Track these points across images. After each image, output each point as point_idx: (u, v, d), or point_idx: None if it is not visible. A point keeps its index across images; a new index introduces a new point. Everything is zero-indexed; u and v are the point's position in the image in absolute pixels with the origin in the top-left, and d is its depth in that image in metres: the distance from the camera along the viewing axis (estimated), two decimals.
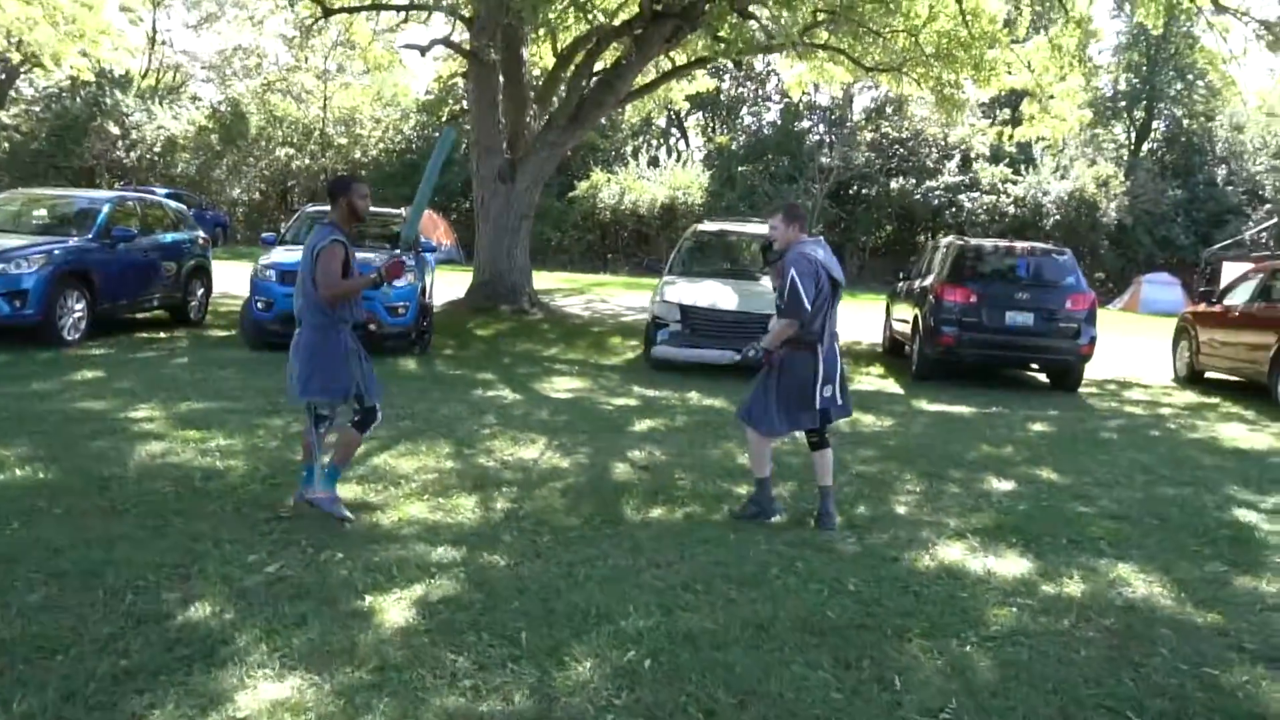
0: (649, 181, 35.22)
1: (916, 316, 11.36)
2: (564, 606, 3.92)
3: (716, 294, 10.53)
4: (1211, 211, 34.29)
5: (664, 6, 13.52)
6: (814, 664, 3.54)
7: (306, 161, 36.73)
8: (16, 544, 4.29)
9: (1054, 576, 4.63)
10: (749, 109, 42.90)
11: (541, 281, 18.83)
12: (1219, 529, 5.63)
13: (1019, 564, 4.80)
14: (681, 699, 3.22)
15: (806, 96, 34.85)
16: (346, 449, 4.99)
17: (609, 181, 35.00)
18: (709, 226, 12.67)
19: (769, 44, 11.60)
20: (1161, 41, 35.93)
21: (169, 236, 12.09)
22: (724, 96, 39.68)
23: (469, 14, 15.21)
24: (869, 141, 36.09)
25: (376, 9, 17.99)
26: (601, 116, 17.01)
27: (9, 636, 3.40)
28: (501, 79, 14.86)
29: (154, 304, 11.75)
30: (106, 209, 10.86)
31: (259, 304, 10.20)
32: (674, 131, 43.74)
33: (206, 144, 36.06)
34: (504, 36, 14.66)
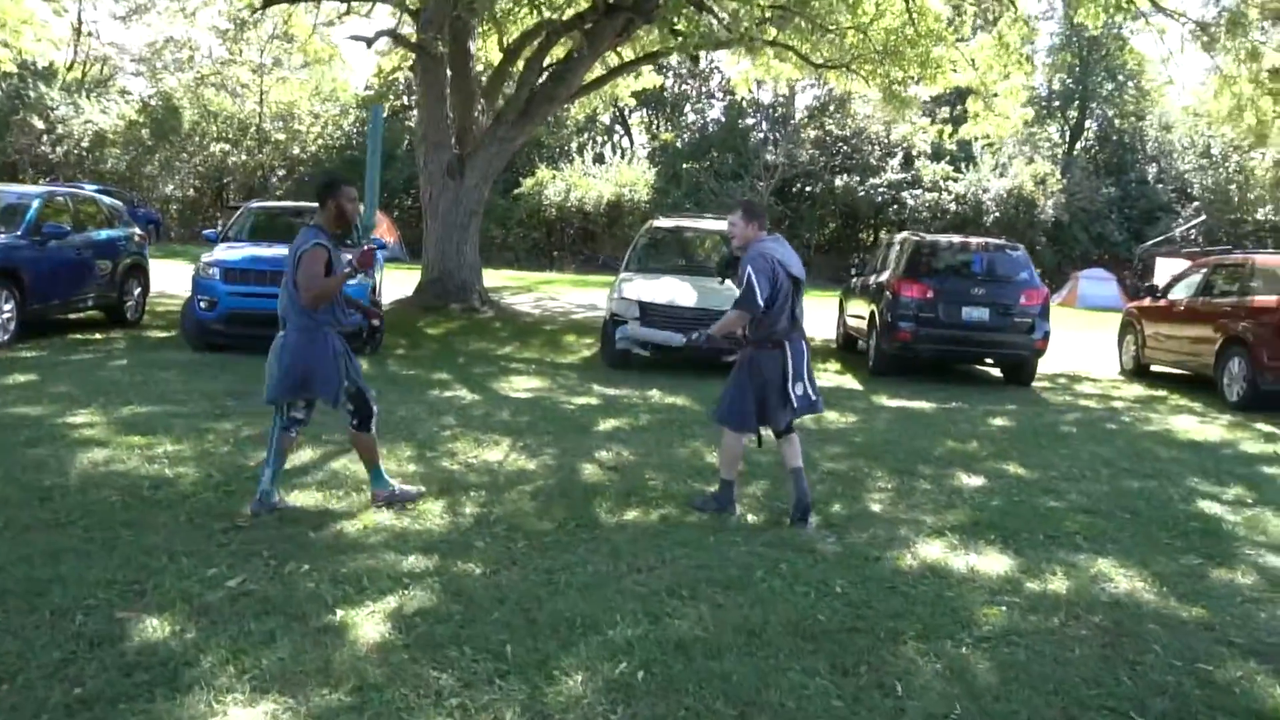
0: (595, 178, 35.04)
1: (873, 312, 11.37)
2: (547, 616, 3.75)
3: (675, 290, 10.44)
4: (1143, 209, 35.24)
5: (616, 0, 13.37)
6: (811, 671, 3.42)
7: (243, 158, 35.79)
8: None
9: (1037, 573, 4.59)
10: (693, 106, 42.96)
11: (488, 279, 18.51)
12: (1188, 521, 5.66)
13: (1000, 561, 4.76)
14: (680, 712, 3.08)
15: (750, 94, 34.97)
16: (368, 452, 4.94)
17: (554, 178, 34.73)
18: (664, 223, 12.53)
19: (726, 38, 11.52)
20: (1093, 43, 36.81)
21: (104, 233, 11.58)
22: (668, 93, 39.64)
23: (415, 6, 14.87)
24: (813, 139, 36.37)
25: (317, 0, 17.53)
26: (552, 111, 16.79)
27: None
28: (449, 73, 14.55)
29: (88, 304, 11.25)
30: (36, 204, 10.35)
31: (201, 303, 9.81)
32: (618, 129, 43.61)
33: (137, 139, 34.91)
34: (451, 29, 14.35)
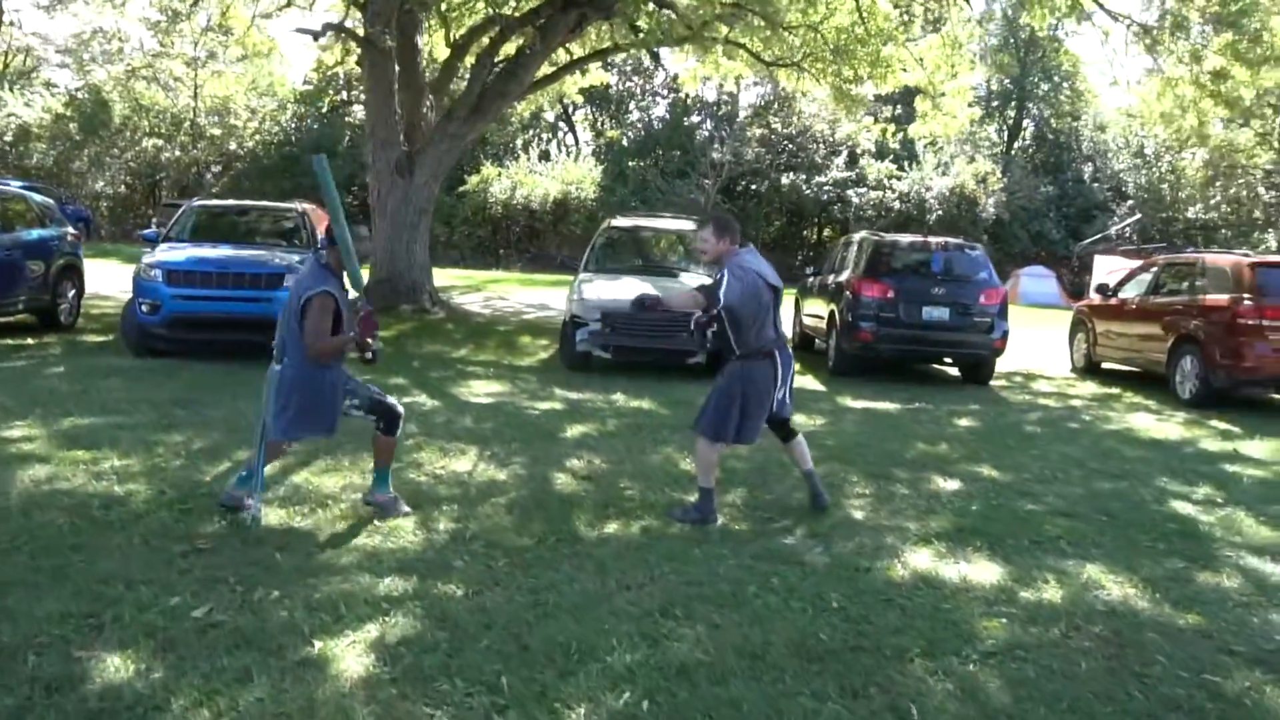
0: (541, 176, 34.71)
1: (832, 312, 11.33)
2: (539, 642, 3.56)
3: (636, 291, 10.22)
4: (1080, 207, 36.02)
5: None
6: (821, 695, 3.29)
7: (177, 153, 34.72)
8: None
9: (1029, 582, 4.53)
10: (638, 104, 42.84)
11: (435, 279, 18.15)
12: (1165, 523, 5.67)
13: (990, 569, 4.68)
14: None
15: (696, 92, 34.97)
16: (385, 453, 4.95)
17: (500, 175, 34.32)
18: (622, 222, 12.34)
19: (687, 35, 11.38)
20: (1030, 44, 37.50)
21: (34, 233, 11.03)
22: (613, 91, 39.45)
23: None
24: (759, 137, 36.48)
25: None
26: (504, 107, 16.50)
27: None
28: (397, 68, 14.18)
29: (19, 307, 10.68)
30: None
31: (143, 306, 9.35)
32: (562, 126, 43.28)
33: (64, 133, 33.66)
34: (398, 24, 13.99)
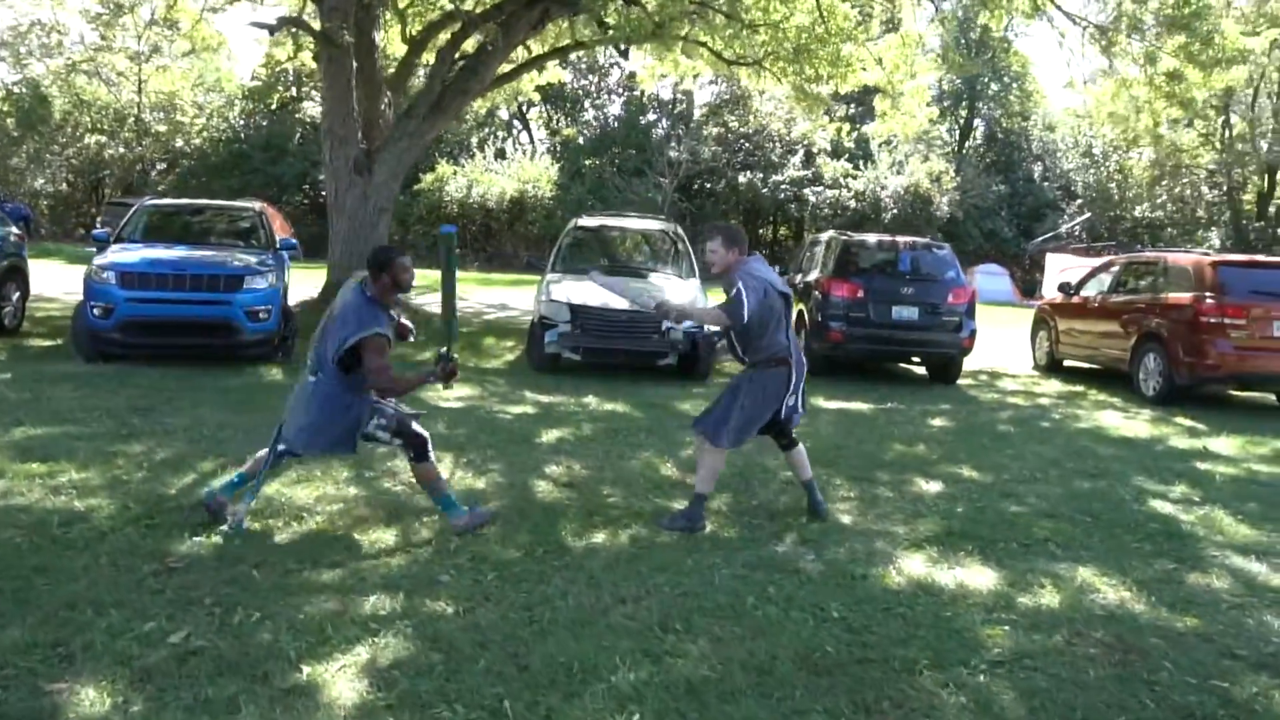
0: (497, 174, 34.38)
1: (801, 312, 11.29)
2: (539, 662, 3.42)
3: (606, 291, 10.09)
4: (1031, 206, 36.60)
5: None
6: (834, 711, 3.19)
7: (121, 150, 33.80)
8: None
9: (1024, 586, 4.48)
10: (593, 102, 42.62)
11: None
12: (1147, 523, 5.68)
13: (985, 574, 4.63)
14: None
15: (652, 91, 34.82)
16: (433, 480, 4.79)
17: (455, 174, 33.93)
18: (588, 221, 12.18)
19: (657, 32, 11.25)
20: (980, 45, 37.97)
21: None
22: (568, 89, 39.21)
23: None
24: (715, 136, 36.50)
25: None
26: (466, 105, 16.20)
27: None
28: (354, 64, 13.85)
29: None
30: None
31: (95, 310, 8.99)
32: (516, 124, 42.93)
33: (2, 129, 32.59)
34: (355, 19, 13.66)
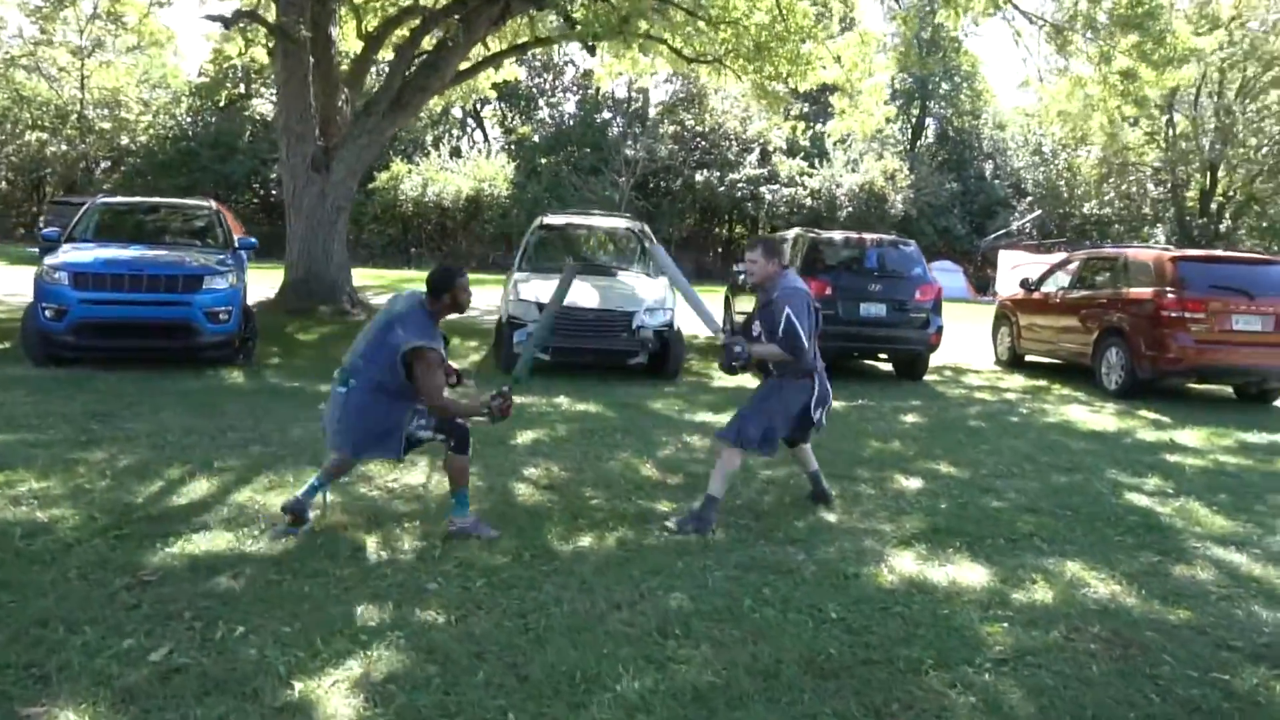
0: (452, 172, 34.04)
1: None
2: (539, 672, 3.32)
3: (575, 291, 9.98)
4: (983, 204, 37.14)
5: None
6: (844, 714, 3.14)
7: (63, 148, 32.86)
8: None
9: (1016, 582, 4.48)
10: (547, 100, 42.40)
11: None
12: (1127, 516, 5.72)
13: (976, 571, 4.62)
14: None
15: (606, 88, 34.71)
16: (459, 473, 4.75)
17: (410, 172, 33.53)
18: (554, 219, 12.05)
19: (624, 28, 11.17)
20: (931, 44, 38.42)
21: None
22: (522, 87, 38.97)
23: None
24: (671, 134, 36.50)
25: None
26: (425, 101, 15.97)
27: None
28: (311, 60, 13.58)
29: None
30: None
31: (47, 311, 8.67)
32: (470, 122, 42.56)
33: None
34: (311, 14, 13.39)
